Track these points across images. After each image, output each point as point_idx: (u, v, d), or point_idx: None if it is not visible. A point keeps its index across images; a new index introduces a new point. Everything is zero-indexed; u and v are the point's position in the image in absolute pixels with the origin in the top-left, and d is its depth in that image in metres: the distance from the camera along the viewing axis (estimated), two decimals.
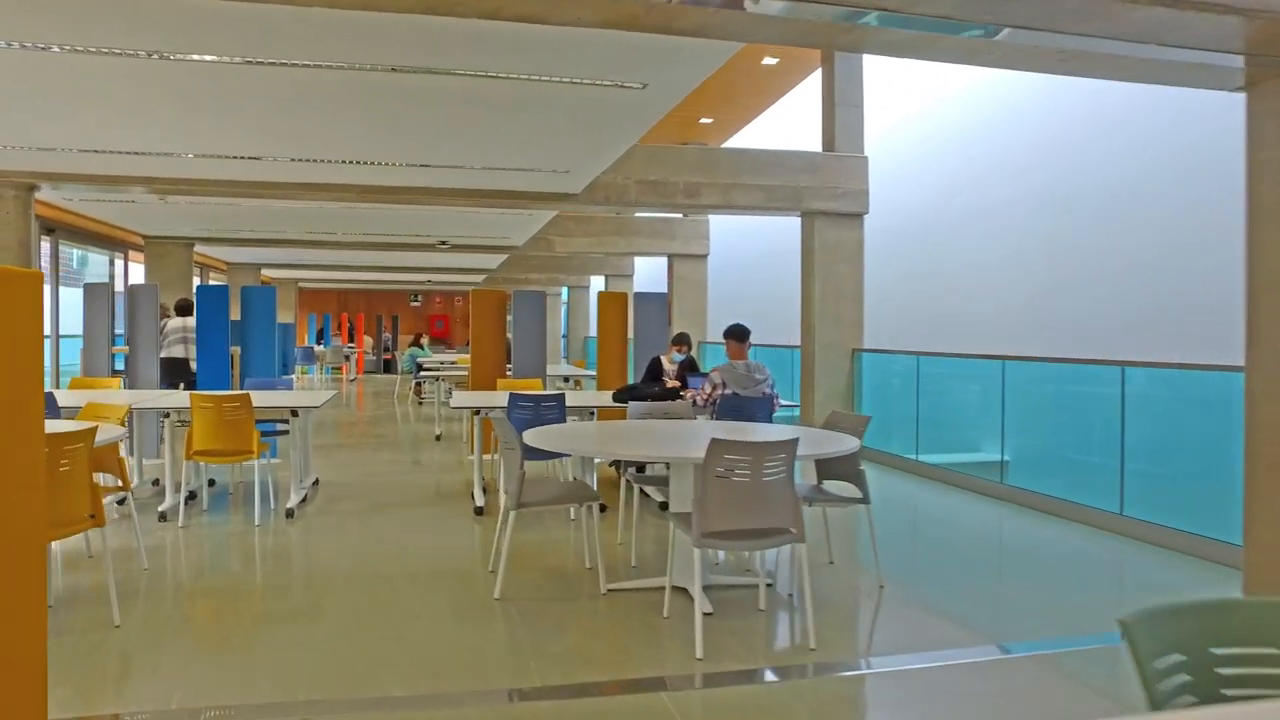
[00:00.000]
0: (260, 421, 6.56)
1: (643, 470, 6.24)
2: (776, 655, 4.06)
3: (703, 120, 13.98)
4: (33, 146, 7.41)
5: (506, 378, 8.84)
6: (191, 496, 6.92)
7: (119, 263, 14.17)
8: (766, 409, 6.45)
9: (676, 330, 8.52)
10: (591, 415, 7.21)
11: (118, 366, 10.58)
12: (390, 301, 31.35)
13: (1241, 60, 4.08)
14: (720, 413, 6.36)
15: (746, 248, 15.36)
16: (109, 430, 4.69)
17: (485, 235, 13.96)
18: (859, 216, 9.97)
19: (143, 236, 13.70)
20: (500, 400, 6.78)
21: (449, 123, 6.55)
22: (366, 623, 4.25)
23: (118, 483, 5.10)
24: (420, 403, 16.31)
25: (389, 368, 28.93)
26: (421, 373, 15.46)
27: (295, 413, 6.69)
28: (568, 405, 6.62)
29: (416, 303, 31.67)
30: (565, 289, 25.57)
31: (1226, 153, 6.92)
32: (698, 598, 3.90)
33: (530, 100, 5.86)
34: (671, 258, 15.85)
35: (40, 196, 10.30)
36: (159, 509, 6.44)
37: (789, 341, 10.72)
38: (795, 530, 4.05)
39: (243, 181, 8.72)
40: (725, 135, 14.70)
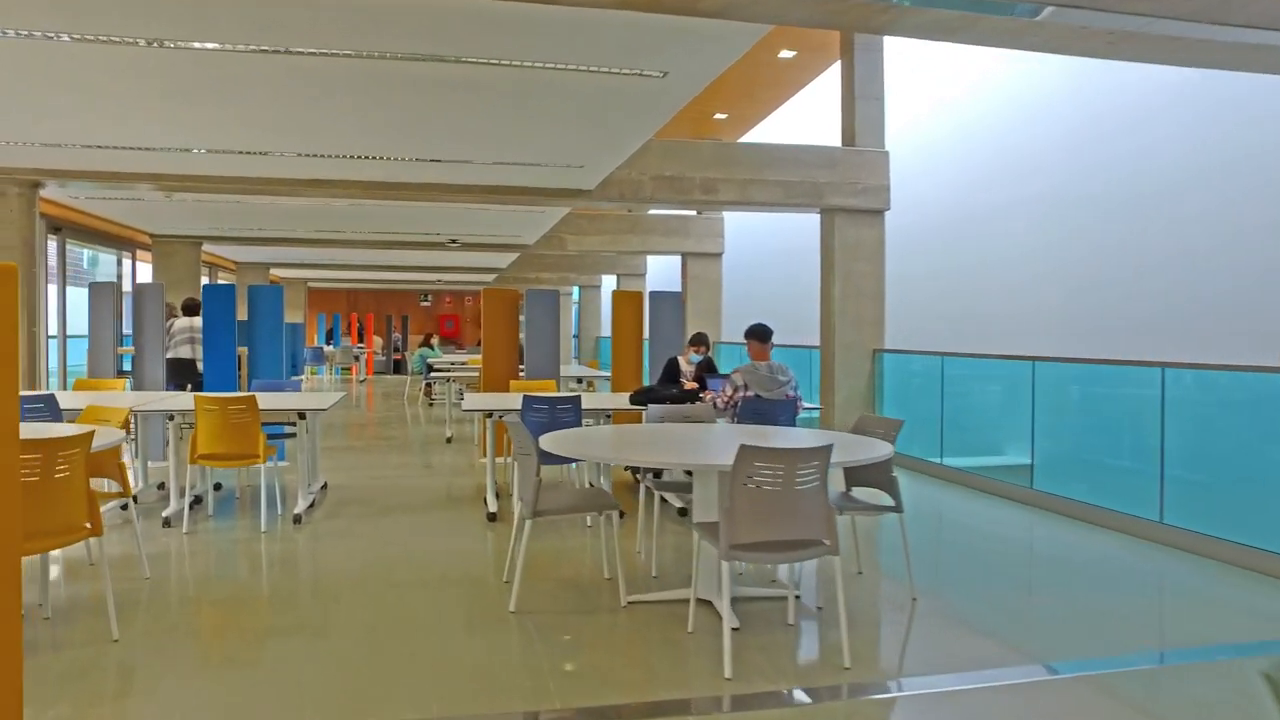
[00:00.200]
0: (267, 424, 6.37)
1: (659, 475, 6.02)
2: (808, 674, 3.83)
3: (717, 116, 13.74)
4: (36, 142, 7.24)
5: (519, 379, 8.63)
6: (197, 501, 6.75)
7: (127, 262, 14.04)
8: (790, 412, 6.22)
9: (693, 330, 8.29)
10: (607, 418, 7.00)
11: (125, 367, 10.44)
12: (400, 301, 31.22)
13: None
14: (741, 416, 6.13)
15: (761, 246, 15.13)
16: (109, 434, 4.51)
17: (496, 233, 13.76)
18: (880, 213, 9.73)
19: (150, 235, 13.56)
20: (514, 403, 6.57)
21: (459, 115, 6.34)
22: (376, 637, 4.04)
23: (119, 489, 4.91)
24: (430, 404, 16.12)
25: (399, 368, 28.80)
26: (432, 374, 15.28)
27: (303, 415, 6.50)
28: (583, 408, 6.41)
29: (426, 302, 31.53)
30: (576, 288, 25.38)
31: (1267, 144, 6.69)
32: (725, 614, 3.67)
33: (544, 90, 5.64)
34: (685, 256, 15.63)
35: (47, 195, 10.15)
36: (163, 514, 6.25)
37: (805, 341, 10.47)
38: (829, 542, 3.82)
39: (250, 178, 8.53)
40: (740, 131, 14.46)
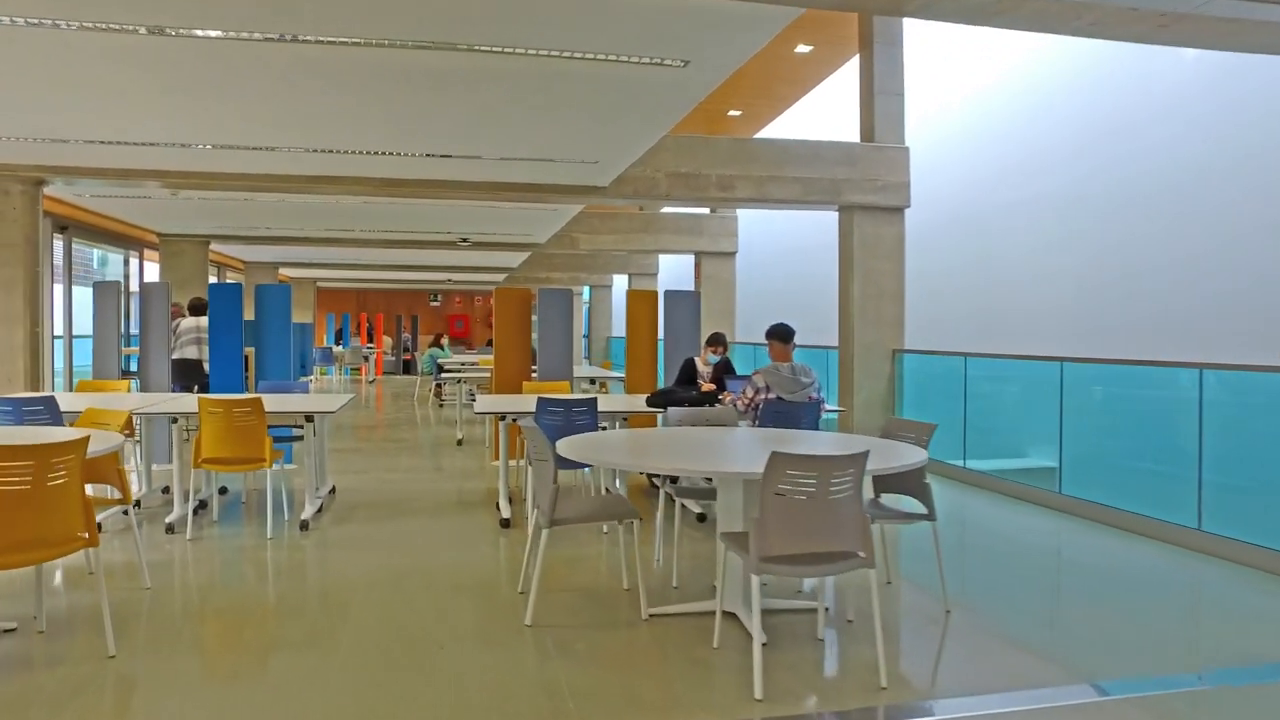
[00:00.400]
0: (273, 427, 6.19)
1: (675, 479, 5.82)
2: (843, 694, 3.62)
3: (731, 113, 13.52)
4: (38, 138, 7.07)
5: (532, 380, 8.43)
6: (202, 506, 6.57)
7: (134, 261, 13.89)
8: (813, 415, 6.01)
9: (710, 330, 8.08)
10: (623, 421, 6.80)
11: (133, 368, 10.28)
12: (409, 301, 31.06)
13: None
14: (763, 418, 5.92)
15: (775, 244, 14.90)
16: (107, 439, 4.32)
17: (507, 232, 13.56)
18: (899, 210, 9.49)
19: (157, 234, 13.41)
20: (527, 405, 6.37)
21: (471, 108, 6.14)
22: (387, 653, 3.85)
23: (119, 494, 4.72)
24: (441, 405, 15.94)
25: (408, 368, 28.64)
26: (442, 374, 15.09)
27: (310, 418, 6.31)
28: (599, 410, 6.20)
29: (436, 302, 31.36)
30: (587, 288, 25.17)
31: None
32: (756, 631, 3.46)
33: (559, 80, 5.43)
34: (699, 255, 15.41)
35: (53, 193, 10.00)
36: (166, 520, 6.07)
37: (820, 341, 10.23)
38: (864, 554, 3.61)
39: (257, 174, 8.35)
40: (755, 129, 14.23)
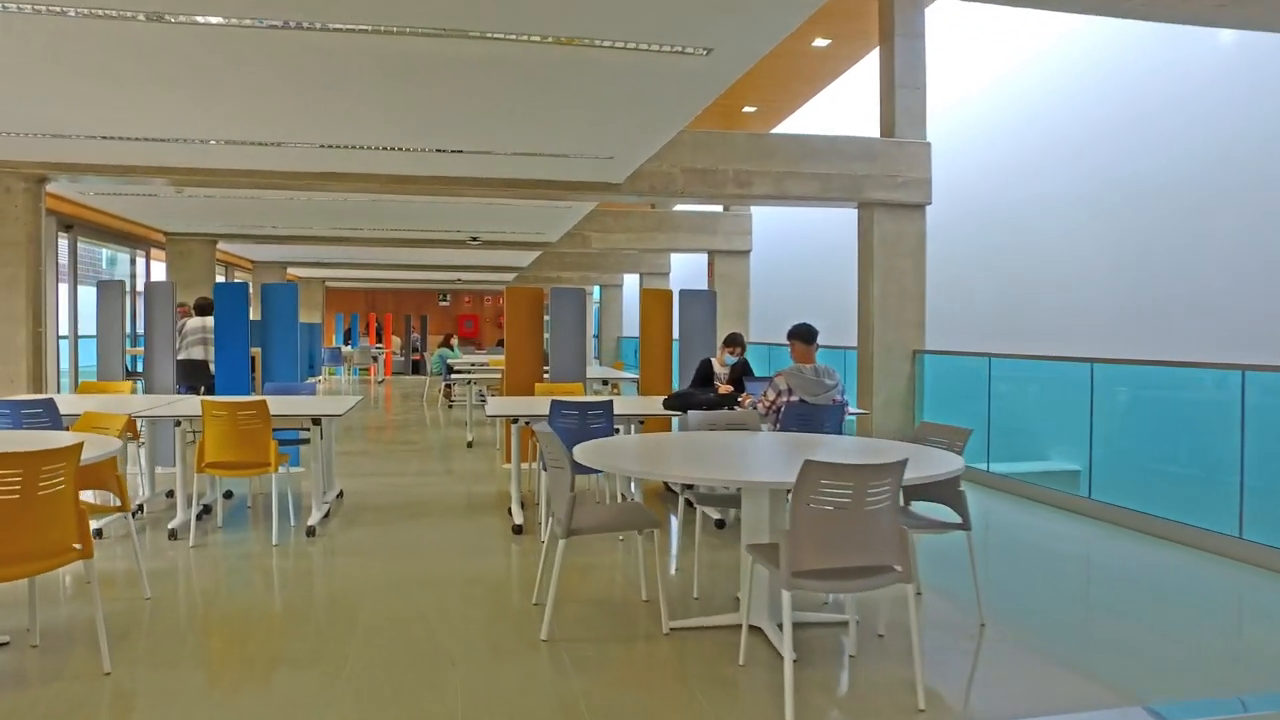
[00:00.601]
0: (279, 430, 6.01)
1: (691, 485, 5.61)
2: (879, 717, 3.40)
3: (745, 109, 13.30)
4: (40, 133, 6.90)
5: (543, 381, 8.23)
6: (206, 511, 6.40)
7: (141, 261, 13.75)
8: (836, 418, 5.80)
9: (727, 330, 7.87)
10: (639, 424, 6.60)
11: (138, 368, 10.12)
12: (418, 301, 30.92)
13: None
14: (785, 422, 5.72)
15: (790, 243, 14.68)
16: (104, 444, 4.14)
17: (518, 230, 13.37)
18: (921, 207, 9.26)
19: (164, 233, 13.26)
20: (540, 407, 6.17)
21: (483, 100, 5.94)
22: (396, 669, 3.65)
23: (117, 501, 4.54)
24: (450, 406, 15.77)
25: (417, 369, 28.50)
26: (452, 375, 14.90)
27: (317, 421, 6.12)
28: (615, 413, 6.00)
29: (445, 302, 31.21)
30: (597, 288, 24.99)
31: None
32: (787, 651, 3.24)
33: (575, 70, 5.22)
34: (712, 254, 15.19)
35: (58, 191, 9.85)
36: (169, 526, 5.89)
37: (837, 342, 10.00)
38: (901, 568, 3.40)
39: (264, 171, 8.17)
40: (770, 125, 14.01)
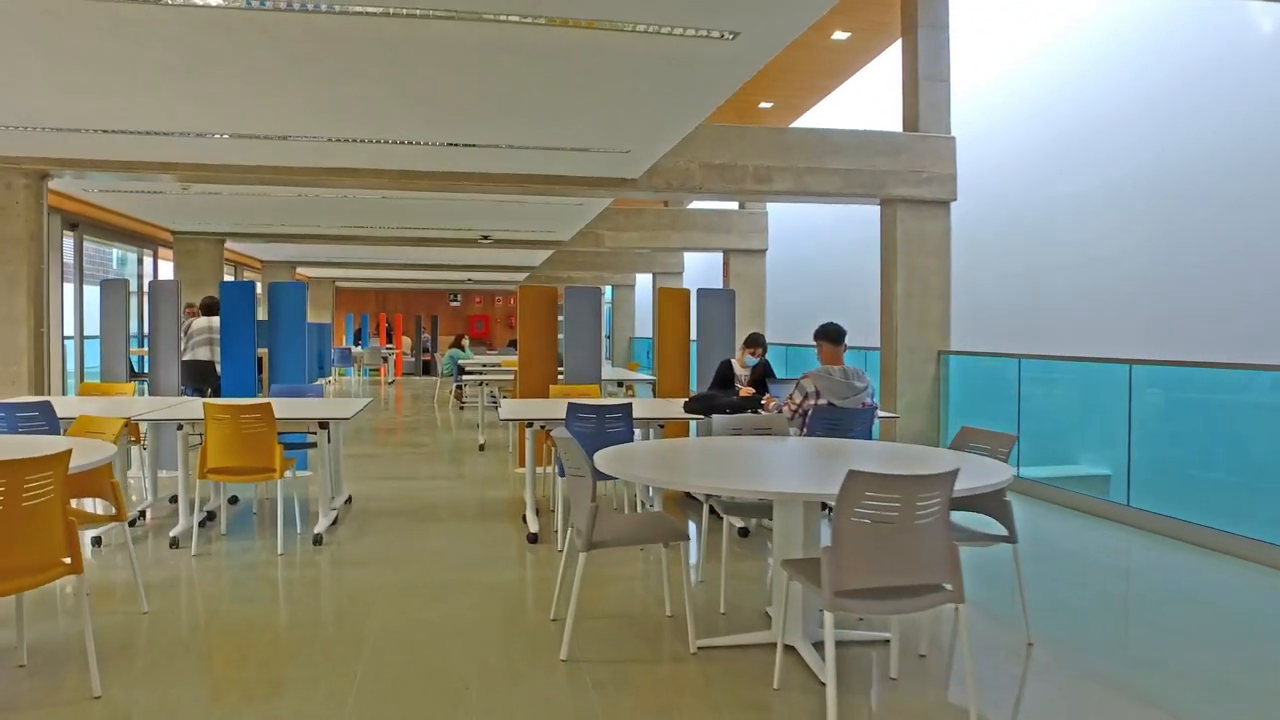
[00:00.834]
0: (285, 434, 5.77)
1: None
2: None
3: (762, 105, 13.03)
4: (40, 127, 6.70)
5: (558, 383, 7.99)
6: (210, 517, 6.18)
7: (148, 260, 13.57)
8: (866, 422, 5.53)
9: (746, 331, 7.61)
10: (659, 428, 6.34)
11: (145, 369, 9.92)
12: (429, 301, 30.74)
13: None
14: (812, 426, 5.45)
15: (808, 242, 14.40)
16: (97, 450, 3.91)
17: (530, 229, 13.13)
18: (945, 204, 8.99)
19: (171, 232, 13.08)
20: (556, 410, 5.93)
21: (496, 89, 5.69)
22: (406, 692, 3.41)
23: (112, 510, 4.32)
24: (461, 407, 15.55)
25: (428, 370, 28.33)
26: (463, 376, 14.69)
27: (324, 424, 5.88)
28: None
29: (456, 302, 31.02)
30: (609, 287, 24.75)
31: None
32: (829, 676, 2.99)
33: (593, 56, 4.97)
34: (727, 253, 14.94)
35: (63, 189, 9.66)
36: (171, 534, 5.67)
37: (857, 343, 9.70)
38: (952, 586, 3.14)
39: (270, 166, 7.96)
40: (787, 121, 13.73)
